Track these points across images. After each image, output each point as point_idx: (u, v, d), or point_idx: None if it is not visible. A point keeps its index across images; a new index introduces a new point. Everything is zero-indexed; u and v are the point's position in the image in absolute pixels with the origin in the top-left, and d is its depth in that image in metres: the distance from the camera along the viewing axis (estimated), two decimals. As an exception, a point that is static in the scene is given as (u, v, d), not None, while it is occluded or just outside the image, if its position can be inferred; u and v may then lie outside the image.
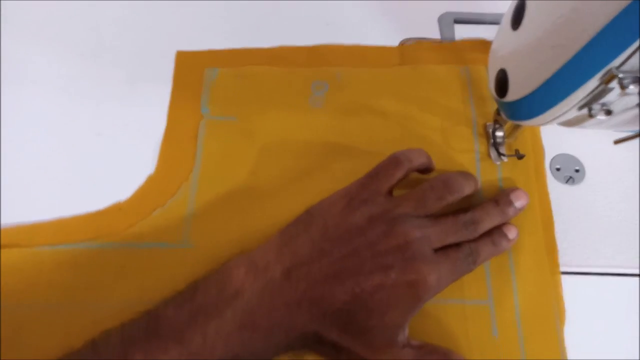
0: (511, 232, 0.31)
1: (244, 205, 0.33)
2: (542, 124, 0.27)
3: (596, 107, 0.24)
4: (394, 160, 0.30)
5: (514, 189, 0.32)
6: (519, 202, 0.32)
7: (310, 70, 0.38)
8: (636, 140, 0.25)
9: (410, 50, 0.40)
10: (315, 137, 0.36)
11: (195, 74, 0.38)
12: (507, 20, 0.27)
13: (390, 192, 0.30)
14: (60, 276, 0.31)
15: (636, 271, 0.32)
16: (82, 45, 0.39)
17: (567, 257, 0.32)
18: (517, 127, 0.33)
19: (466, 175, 0.31)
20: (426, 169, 0.32)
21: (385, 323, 0.26)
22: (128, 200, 0.33)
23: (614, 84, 0.22)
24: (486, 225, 0.30)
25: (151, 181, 0.34)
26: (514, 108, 0.27)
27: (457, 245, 0.29)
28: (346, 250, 0.27)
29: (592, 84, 0.23)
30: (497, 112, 0.33)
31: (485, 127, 0.36)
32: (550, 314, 0.30)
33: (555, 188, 0.35)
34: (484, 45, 0.40)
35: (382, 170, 0.30)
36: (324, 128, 0.36)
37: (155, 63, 0.39)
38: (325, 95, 0.37)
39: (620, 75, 0.21)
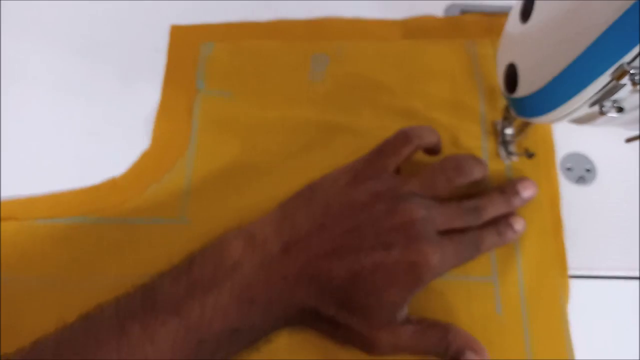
0: (518, 224, 0.31)
1: (242, 181, 0.34)
2: (553, 121, 0.28)
3: (607, 104, 0.25)
4: (402, 136, 0.31)
5: (522, 178, 0.33)
6: (526, 192, 0.32)
7: (309, 44, 0.39)
8: (650, 139, 0.26)
9: (414, 24, 0.40)
10: (315, 112, 0.36)
11: (191, 48, 0.39)
12: (516, 12, 0.28)
13: (397, 170, 0.30)
14: (56, 250, 0.32)
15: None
16: (81, 44, 0.40)
17: (578, 259, 0.33)
18: (527, 124, 0.33)
19: (477, 158, 0.32)
20: (433, 149, 0.33)
21: (384, 302, 0.27)
22: (123, 176, 0.34)
23: (626, 80, 0.22)
24: (490, 213, 0.31)
25: (146, 156, 0.35)
26: (524, 104, 0.27)
27: (461, 230, 0.29)
28: (347, 226, 0.28)
29: (604, 80, 0.23)
30: (507, 109, 0.34)
31: (494, 124, 0.36)
32: (555, 291, 0.31)
33: (566, 188, 0.35)
34: (489, 21, 0.40)
35: (390, 146, 0.30)
36: (324, 103, 0.36)
37: (154, 60, 0.39)
38: (326, 69, 0.38)
39: (632, 71, 0.22)
